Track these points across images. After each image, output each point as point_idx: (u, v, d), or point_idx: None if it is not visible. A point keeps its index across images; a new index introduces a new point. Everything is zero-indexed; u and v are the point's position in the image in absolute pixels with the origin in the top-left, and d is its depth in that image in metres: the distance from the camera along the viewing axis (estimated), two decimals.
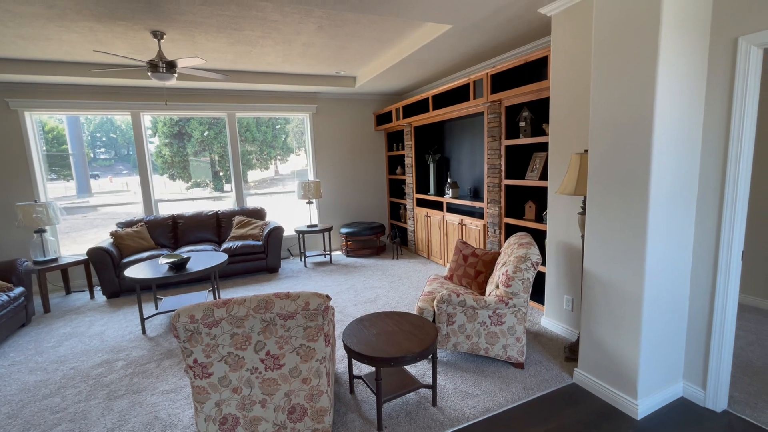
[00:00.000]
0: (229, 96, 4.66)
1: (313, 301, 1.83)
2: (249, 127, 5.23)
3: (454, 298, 2.30)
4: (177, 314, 1.77)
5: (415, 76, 4.23)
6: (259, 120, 5.33)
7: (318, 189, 4.73)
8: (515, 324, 2.26)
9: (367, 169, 5.54)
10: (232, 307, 1.79)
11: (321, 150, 5.25)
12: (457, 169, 4.51)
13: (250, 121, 5.25)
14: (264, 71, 4.22)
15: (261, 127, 5.37)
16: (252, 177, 5.62)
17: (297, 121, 5.74)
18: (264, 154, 5.51)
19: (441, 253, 4.35)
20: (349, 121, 5.33)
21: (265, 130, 5.37)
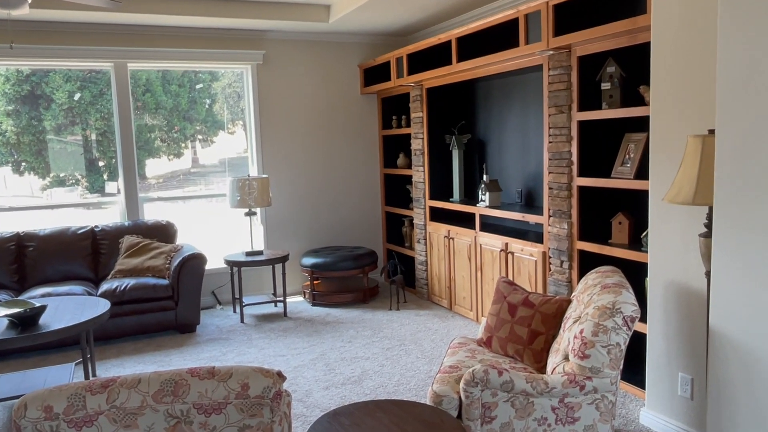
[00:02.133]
0: (119, 35, 4.71)
1: (254, 383, 1.76)
2: (150, 86, 5.26)
3: (494, 378, 2.21)
4: (22, 404, 1.69)
5: (428, 4, 4.30)
6: (167, 75, 5.37)
7: (265, 191, 4.76)
8: (596, 421, 2.22)
9: (348, 159, 5.65)
10: (117, 393, 1.71)
11: (271, 125, 5.30)
12: (498, 160, 4.58)
13: (153, 77, 5.28)
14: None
15: (170, 86, 5.41)
16: (154, 169, 5.65)
17: (231, 78, 5.80)
18: (175, 132, 5.55)
19: (471, 301, 4.38)
20: (319, 79, 5.42)
21: (178, 92, 5.42)
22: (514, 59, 3.62)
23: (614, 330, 2.16)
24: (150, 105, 5.26)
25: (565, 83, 3.27)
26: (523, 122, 4.26)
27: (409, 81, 4.72)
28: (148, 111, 5.32)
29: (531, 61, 3.53)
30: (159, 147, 5.61)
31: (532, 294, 2.72)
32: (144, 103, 5.25)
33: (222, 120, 5.78)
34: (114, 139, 5.06)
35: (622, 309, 2.20)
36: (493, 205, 4.19)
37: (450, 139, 4.75)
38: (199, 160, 5.97)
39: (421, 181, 4.92)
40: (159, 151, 5.64)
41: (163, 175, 5.81)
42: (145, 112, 5.32)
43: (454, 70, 4.12)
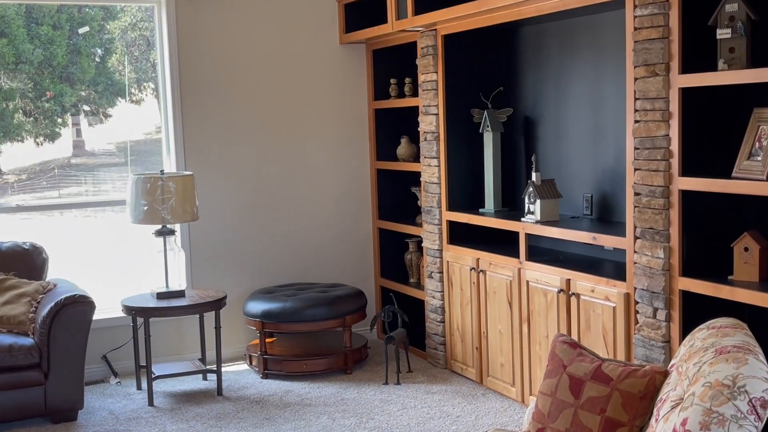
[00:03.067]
0: None
1: None
2: (7, 26, 5.27)
3: None
4: None
5: None
6: (33, 11, 5.37)
7: (188, 197, 4.76)
8: None
9: (321, 145, 5.67)
10: None
11: (198, 92, 5.32)
12: (556, 149, 4.58)
13: (10, 14, 5.29)
14: None
15: (39, 28, 5.41)
16: (12, 160, 5.63)
17: (135, 15, 5.80)
18: (46, 101, 5.55)
19: (513, 371, 4.37)
20: (276, 18, 5.44)
21: (51, 38, 5.42)
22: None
23: (735, 420, 2.17)
24: (6, 57, 5.28)
25: (661, 29, 3.28)
26: (594, 90, 4.27)
27: (416, 24, 4.73)
28: (3, 67, 5.34)
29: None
30: (20, 124, 5.61)
31: (607, 362, 2.73)
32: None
33: (122, 82, 5.79)
34: None
35: (748, 387, 2.21)
36: (548, 219, 4.19)
37: (480, 116, 4.77)
38: (84, 145, 5.98)
39: (435, 180, 4.93)
40: (20, 131, 5.64)
41: (26, 168, 5.81)
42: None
43: (487, 6, 4.13)
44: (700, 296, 3.29)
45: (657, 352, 3.41)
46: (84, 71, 5.68)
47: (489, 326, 4.52)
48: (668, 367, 2.70)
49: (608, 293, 3.65)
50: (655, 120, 3.34)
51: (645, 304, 3.45)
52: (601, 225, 4.08)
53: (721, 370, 2.29)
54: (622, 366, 2.70)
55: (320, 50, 5.55)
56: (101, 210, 5.75)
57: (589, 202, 4.31)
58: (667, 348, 3.37)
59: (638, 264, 3.47)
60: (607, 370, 2.70)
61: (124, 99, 5.87)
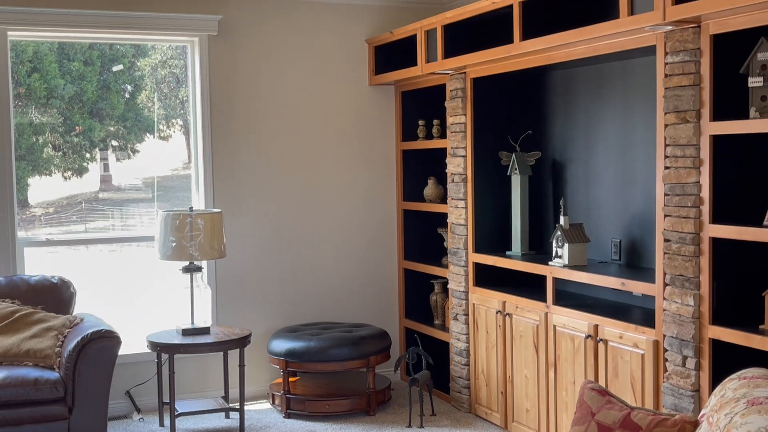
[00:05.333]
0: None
1: None
2: (40, 62, 5.40)
3: None
4: None
5: None
6: (66, 48, 5.51)
7: (216, 234, 4.83)
8: None
9: (349, 185, 5.72)
10: None
11: (228, 129, 5.42)
12: (585, 193, 4.62)
13: (44, 50, 5.43)
14: None
15: (71, 63, 5.54)
16: (41, 193, 5.72)
17: (166, 53, 5.91)
18: (76, 136, 5.65)
19: (539, 417, 4.37)
20: (306, 60, 5.55)
21: (82, 73, 5.54)
22: (611, 37, 3.69)
23: None
24: (38, 92, 5.38)
25: (692, 76, 3.32)
26: (623, 135, 4.32)
27: (446, 67, 4.82)
28: (35, 102, 5.43)
29: (637, 40, 3.61)
30: (50, 158, 5.70)
31: (636, 410, 2.72)
32: (28, 89, 5.37)
33: (150, 118, 5.88)
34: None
35: None
36: (576, 264, 4.22)
37: (508, 159, 4.82)
38: (112, 180, 6.07)
39: (462, 222, 4.97)
40: (49, 165, 5.72)
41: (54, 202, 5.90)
42: (29, 102, 5.43)
43: (517, 51, 4.21)
44: (730, 345, 3.29)
45: (686, 401, 3.40)
46: (113, 107, 5.77)
47: (515, 370, 4.52)
48: (698, 417, 2.69)
49: (637, 340, 3.66)
50: (686, 167, 3.38)
51: (674, 351, 3.46)
52: (630, 270, 4.09)
53: (753, 421, 2.28)
54: (652, 415, 2.69)
55: (350, 91, 5.65)
56: (128, 245, 5.81)
57: (617, 247, 4.33)
58: (696, 397, 3.37)
59: (668, 311, 3.49)
60: (637, 418, 2.69)
61: (152, 135, 5.95)
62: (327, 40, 5.56)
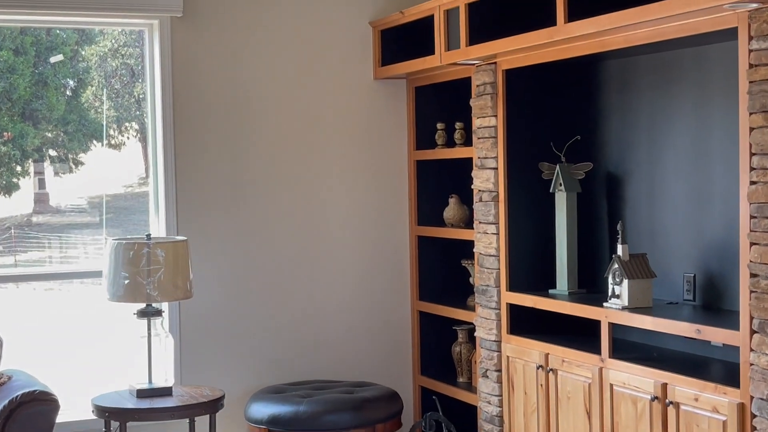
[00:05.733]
0: None
1: None
2: None
3: None
4: None
5: None
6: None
7: (180, 269, 4.83)
8: None
9: (349, 205, 5.72)
10: None
11: (195, 135, 5.43)
12: (648, 215, 4.60)
13: None
14: None
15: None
16: None
17: (117, 40, 5.91)
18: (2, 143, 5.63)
19: None
20: (295, 48, 5.57)
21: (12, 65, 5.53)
22: (680, 18, 3.68)
23: None
24: None
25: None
26: (697, 141, 4.30)
27: (471, 56, 4.83)
28: None
29: (714, 21, 3.59)
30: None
31: None
32: None
33: (98, 121, 5.89)
34: None
35: None
36: (638, 305, 4.19)
37: (551, 172, 4.82)
38: (49, 200, 6.07)
39: (493, 252, 4.95)
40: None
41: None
42: None
43: (561, 36, 4.21)
44: None
45: None
46: (51, 107, 5.76)
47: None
48: None
49: (716, 403, 3.62)
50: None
51: (765, 417, 3.41)
52: (707, 314, 4.06)
53: None
54: None
55: (350, 86, 5.67)
56: (69, 282, 5.79)
57: (691, 283, 4.30)
58: None
59: (755, 366, 3.44)
60: None
61: (101, 142, 5.94)
62: (321, 22, 5.59)
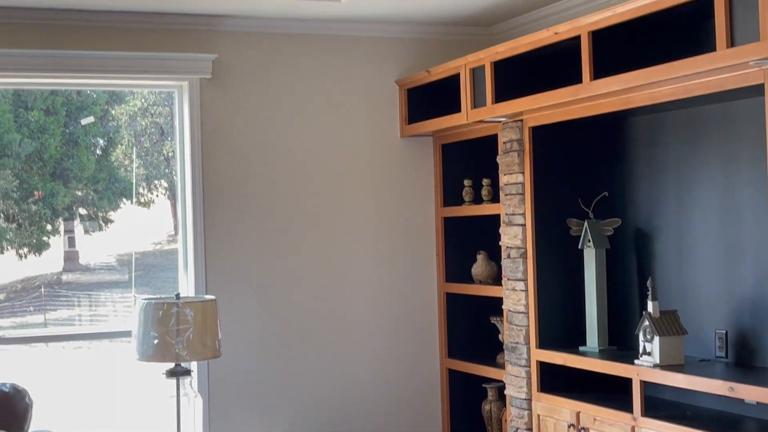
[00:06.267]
0: None
1: None
2: None
3: None
4: None
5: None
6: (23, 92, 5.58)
7: (209, 328, 4.82)
8: None
9: (376, 262, 5.73)
10: None
11: (224, 194, 5.48)
12: (678, 270, 4.59)
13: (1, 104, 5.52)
14: None
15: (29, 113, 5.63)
16: None
17: (147, 99, 5.98)
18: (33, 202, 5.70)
19: None
20: (322, 107, 5.63)
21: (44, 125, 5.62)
22: (706, 75, 3.71)
23: None
24: None
25: None
26: (726, 196, 4.30)
27: (497, 114, 4.86)
28: None
29: (740, 77, 3.61)
30: (1, 232, 5.76)
31: None
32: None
33: (128, 179, 5.94)
34: None
35: None
36: (670, 362, 4.16)
37: (579, 228, 4.81)
38: (79, 258, 6.11)
39: (522, 309, 4.94)
40: (1, 240, 5.78)
41: (6, 286, 5.97)
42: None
43: (587, 93, 4.23)
44: None
45: None
46: (82, 166, 5.82)
47: None
48: None
49: None
50: None
51: None
52: (741, 371, 4.02)
53: None
54: None
55: (377, 144, 5.71)
56: (98, 342, 5.81)
57: (723, 340, 4.26)
58: None
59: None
60: None
61: (130, 200, 6.00)
62: (347, 81, 5.65)
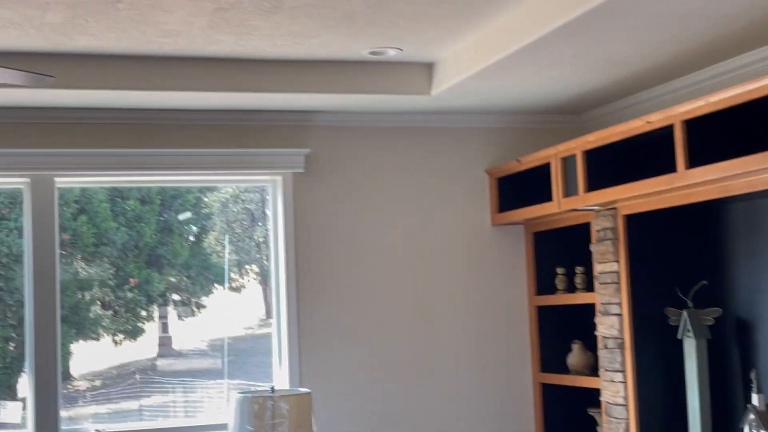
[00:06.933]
0: (41, 127, 5.20)
1: None
2: (88, 203, 5.61)
3: None
4: None
5: (629, 55, 4.51)
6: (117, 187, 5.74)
7: (304, 422, 4.78)
8: None
9: (468, 353, 5.69)
10: None
11: (316, 283, 5.51)
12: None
13: (93, 188, 5.67)
14: (149, 54, 4.70)
15: (125, 202, 5.74)
16: (86, 363, 5.83)
17: (238, 188, 6.06)
18: (129, 290, 5.76)
19: None
20: (412, 197, 5.69)
21: (139, 214, 5.71)
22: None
23: None
24: (85, 239, 5.58)
25: None
26: None
27: (589, 202, 4.84)
28: (81, 250, 5.60)
29: None
30: (97, 318, 5.83)
31: None
32: (74, 236, 5.56)
33: (219, 265, 6.00)
34: (16, 303, 5.41)
35: None
36: None
37: (678, 318, 4.71)
38: (172, 343, 6.16)
39: (620, 401, 4.86)
40: (97, 327, 5.85)
41: (102, 373, 6.03)
42: (74, 251, 5.61)
43: (682, 182, 4.20)
44: None
45: None
46: (175, 253, 5.91)
47: None
48: None
49: None
50: None
51: None
52: None
53: None
54: None
55: (467, 232, 5.72)
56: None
57: None
58: None
59: None
60: None
61: (222, 286, 6.06)
62: (437, 171, 5.70)
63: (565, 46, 4.27)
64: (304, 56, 4.86)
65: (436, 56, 4.96)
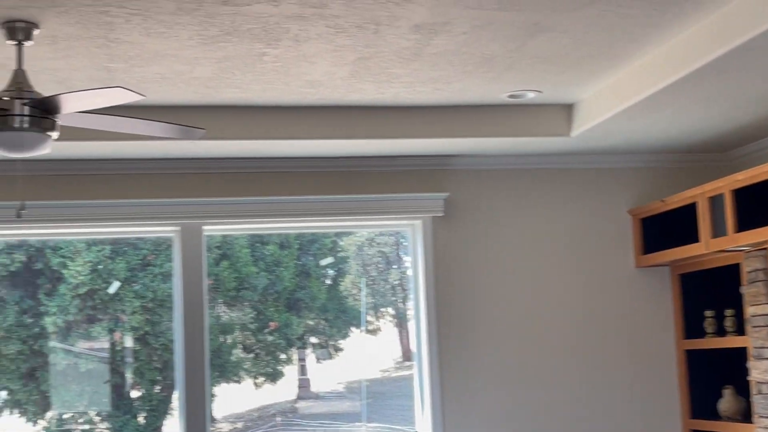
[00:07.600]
0: (189, 177, 5.39)
1: None
2: (229, 249, 5.75)
3: None
4: None
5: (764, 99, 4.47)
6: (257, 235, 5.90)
7: None
8: None
9: (613, 395, 5.63)
10: None
11: (457, 323, 5.51)
12: None
13: (239, 239, 5.82)
14: (292, 104, 4.84)
15: (264, 248, 5.86)
16: (228, 405, 5.91)
17: (371, 231, 6.09)
18: (269, 333, 5.85)
19: None
20: (553, 239, 5.67)
21: (278, 258, 5.81)
22: None
23: None
24: (227, 283, 5.71)
25: None
26: None
27: (739, 243, 4.74)
28: (223, 295, 5.73)
29: None
30: (239, 362, 5.94)
31: None
32: (217, 280, 5.71)
33: (356, 308, 6.04)
34: (161, 347, 5.55)
35: None
36: None
37: None
38: (310, 386, 6.22)
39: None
40: (238, 370, 5.96)
41: (243, 415, 6.12)
42: (217, 296, 5.74)
43: None
44: None
45: None
46: (313, 297, 5.98)
47: None
48: None
49: None
50: None
51: None
52: None
53: None
54: None
55: (610, 275, 5.65)
56: None
57: None
58: None
59: None
60: None
61: (359, 329, 6.09)
62: (577, 212, 5.67)
63: (710, 84, 4.21)
64: (444, 101, 4.91)
65: (576, 97, 4.95)
